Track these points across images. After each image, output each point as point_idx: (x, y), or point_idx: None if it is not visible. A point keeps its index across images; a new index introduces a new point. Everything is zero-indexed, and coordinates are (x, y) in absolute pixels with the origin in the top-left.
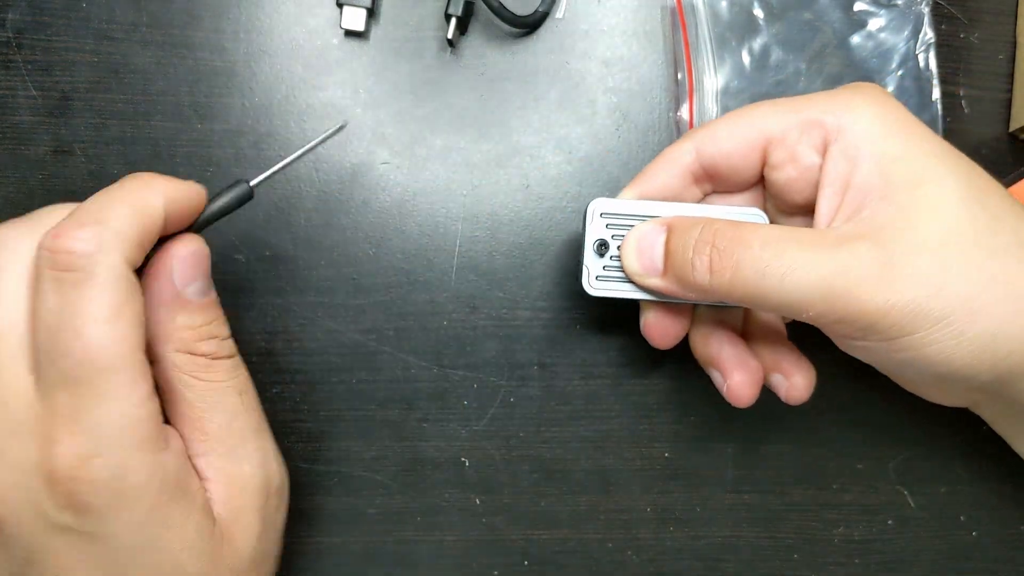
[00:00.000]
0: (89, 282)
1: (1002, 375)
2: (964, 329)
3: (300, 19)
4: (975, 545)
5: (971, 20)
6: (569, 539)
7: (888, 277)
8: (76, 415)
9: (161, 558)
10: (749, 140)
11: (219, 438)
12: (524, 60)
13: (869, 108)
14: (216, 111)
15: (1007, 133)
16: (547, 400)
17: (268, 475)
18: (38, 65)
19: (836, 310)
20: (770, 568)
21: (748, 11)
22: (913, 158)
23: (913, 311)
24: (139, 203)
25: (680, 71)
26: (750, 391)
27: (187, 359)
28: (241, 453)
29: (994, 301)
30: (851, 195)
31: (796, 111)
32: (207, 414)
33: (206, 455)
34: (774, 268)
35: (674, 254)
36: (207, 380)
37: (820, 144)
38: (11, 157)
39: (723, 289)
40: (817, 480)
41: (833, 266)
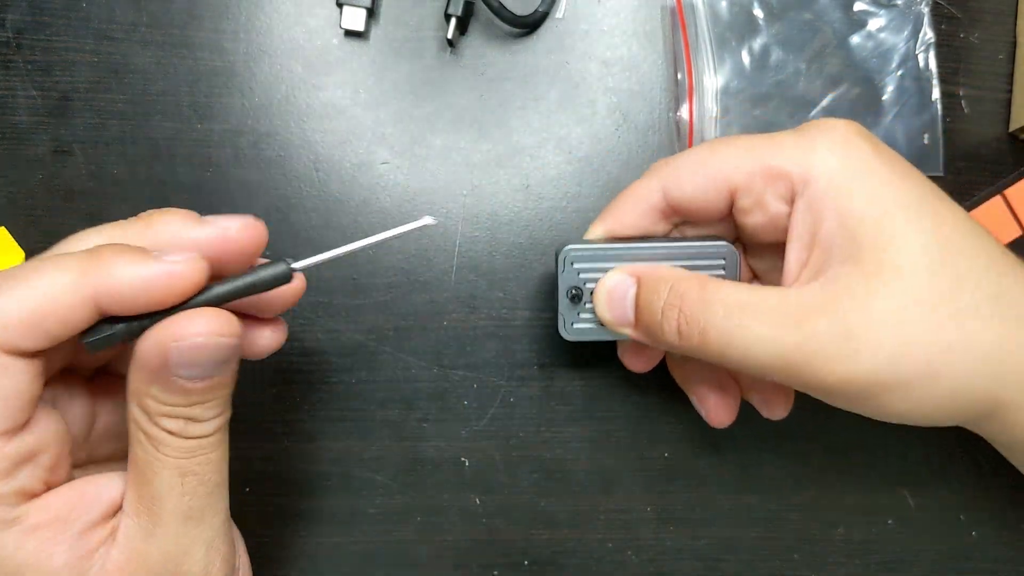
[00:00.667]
0: None
1: (968, 422)
2: (924, 392)
3: (300, 19)
4: (975, 545)
5: (971, 20)
6: (569, 539)
7: (846, 352)
8: None
9: None
10: (715, 186)
11: (146, 508)
12: (524, 60)
13: (834, 156)
14: (216, 111)
15: (1007, 133)
16: (547, 400)
17: (178, 567)
18: (38, 65)
19: (798, 381)
20: (770, 568)
21: (748, 11)
22: (878, 217)
23: (872, 381)
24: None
25: (680, 71)
26: (726, 415)
27: (145, 421)
28: (157, 532)
29: (952, 364)
30: (818, 251)
31: (760, 158)
32: (143, 479)
33: (129, 517)
34: (739, 339)
35: (643, 311)
36: (154, 449)
37: (786, 194)
38: (11, 157)
39: (691, 352)
40: (817, 480)
41: (793, 341)
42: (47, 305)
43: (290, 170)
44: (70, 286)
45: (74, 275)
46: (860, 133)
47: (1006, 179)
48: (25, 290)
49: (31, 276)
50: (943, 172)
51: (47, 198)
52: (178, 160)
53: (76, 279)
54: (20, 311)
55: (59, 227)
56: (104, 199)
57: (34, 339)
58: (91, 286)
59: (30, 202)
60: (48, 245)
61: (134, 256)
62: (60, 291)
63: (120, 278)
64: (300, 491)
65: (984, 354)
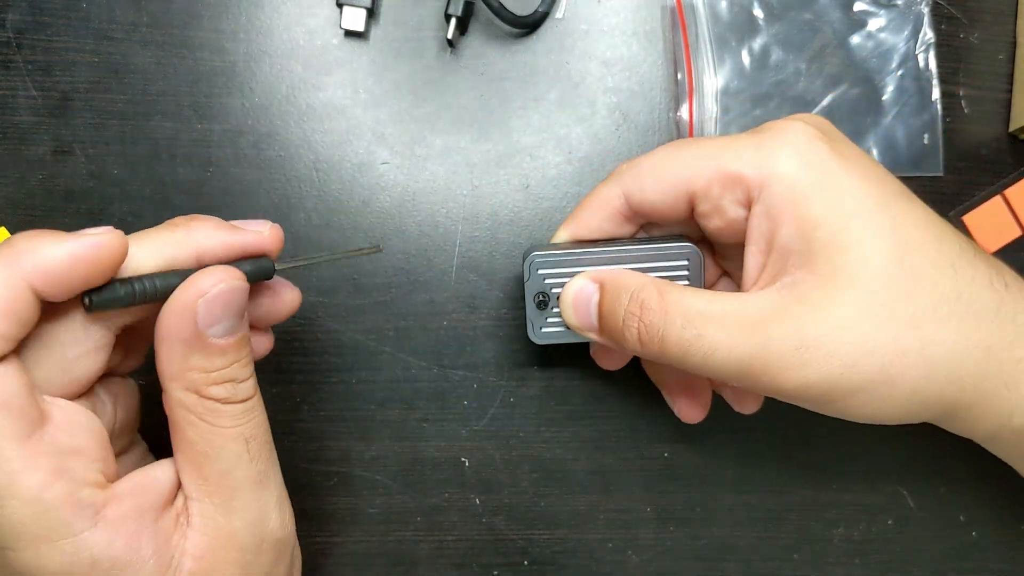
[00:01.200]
0: None
1: (931, 420)
2: (881, 396)
3: (300, 19)
4: (975, 545)
5: (971, 20)
6: (569, 539)
7: (802, 359)
8: None
9: None
10: (674, 190)
11: (216, 486)
12: (524, 60)
13: (791, 160)
14: (216, 111)
15: (1007, 133)
16: (547, 400)
17: (263, 531)
18: (38, 65)
19: (757, 387)
20: (770, 568)
21: (748, 11)
22: (834, 222)
23: (829, 386)
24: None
25: (680, 71)
26: (697, 411)
27: (195, 400)
28: (235, 505)
29: (908, 368)
30: (774, 256)
31: (718, 163)
32: (207, 459)
33: (199, 501)
34: (696, 348)
35: (606, 318)
36: (212, 424)
37: (744, 199)
38: (11, 157)
39: (654, 357)
40: (817, 480)
41: (750, 348)
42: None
43: (290, 170)
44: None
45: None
46: (819, 135)
47: (1006, 179)
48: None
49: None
50: (943, 172)
51: (47, 198)
52: (178, 160)
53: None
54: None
55: (59, 227)
56: (104, 199)
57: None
58: (20, 274)
59: (30, 202)
60: None
61: (54, 237)
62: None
63: (48, 258)
64: (300, 491)
65: (940, 357)
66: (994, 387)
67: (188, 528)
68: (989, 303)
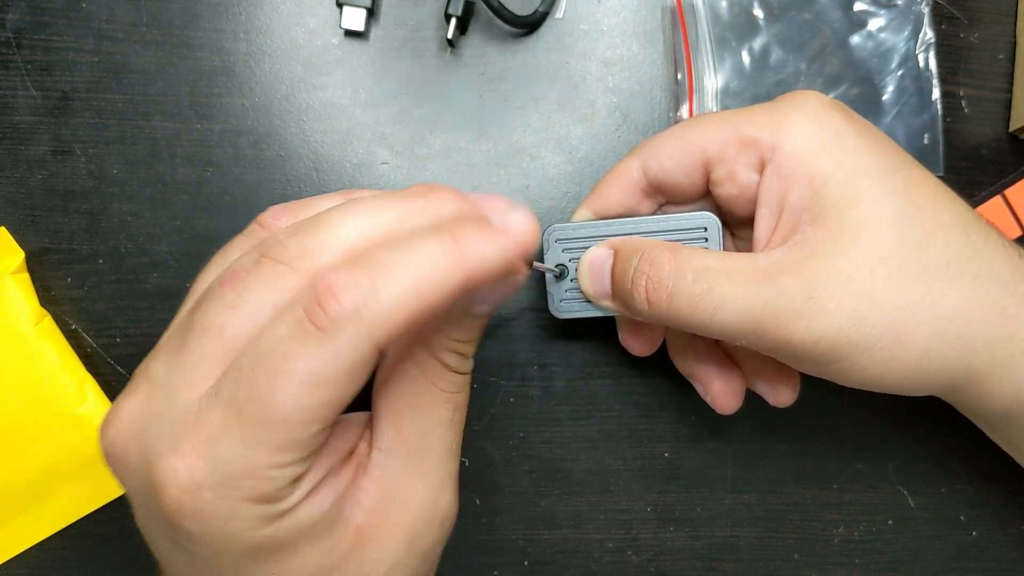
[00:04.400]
0: (319, 342)
1: (938, 390)
2: (891, 354)
3: (300, 19)
4: (975, 545)
5: (971, 20)
6: (569, 539)
7: (813, 310)
8: (213, 440)
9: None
10: (690, 159)
11: (409, 443)
12: (524, 60)
13: (804, 123)
14: (216, 111)
15: (1007, 133)
16: (547, 400)
17: (438, 503)
18: (38, 65)
19: (766, 341)
20: (770, 568)
21: (748, 11)
22: (845, 178)
23: (839, 341)
24: (427, 282)
25: (680, 71)
26: (733, 400)
27: (426, 358)
28: (423, 468)
29: (918, 326)
30: (785, 216)
31: (733, 128)
32: (412, 414)
33: (387, 452)
34: (706, 302)
35: (618, 280)
36: (433, 383)
37: (757, 162)
38: (11, 157)
39: (661, 318)
40: (817, 480)
41: (761, 300)
42: (425, 304)
43: (290, 170)
44: (447, 280)
45: (447, 264)
46: (832, 104)
47: (1006, 179)
48: (404, 277)
49: (405, 258)
50: (943, 172)
51: (47, 198)
52: (178, 160)
53: (448, 268)
54: (401, 312)
55: (59, 227)
56: (104, 199)
57: (397, 340)
58: (461, 274)
59: (30, 202)
60: (48, 245)
61: (490, 235)
62: (436, 285)
63: (480, 259)
64: None
65: (952, 315)
66: (1009, 354)
67: (364, 478)
68: (1004, 266)
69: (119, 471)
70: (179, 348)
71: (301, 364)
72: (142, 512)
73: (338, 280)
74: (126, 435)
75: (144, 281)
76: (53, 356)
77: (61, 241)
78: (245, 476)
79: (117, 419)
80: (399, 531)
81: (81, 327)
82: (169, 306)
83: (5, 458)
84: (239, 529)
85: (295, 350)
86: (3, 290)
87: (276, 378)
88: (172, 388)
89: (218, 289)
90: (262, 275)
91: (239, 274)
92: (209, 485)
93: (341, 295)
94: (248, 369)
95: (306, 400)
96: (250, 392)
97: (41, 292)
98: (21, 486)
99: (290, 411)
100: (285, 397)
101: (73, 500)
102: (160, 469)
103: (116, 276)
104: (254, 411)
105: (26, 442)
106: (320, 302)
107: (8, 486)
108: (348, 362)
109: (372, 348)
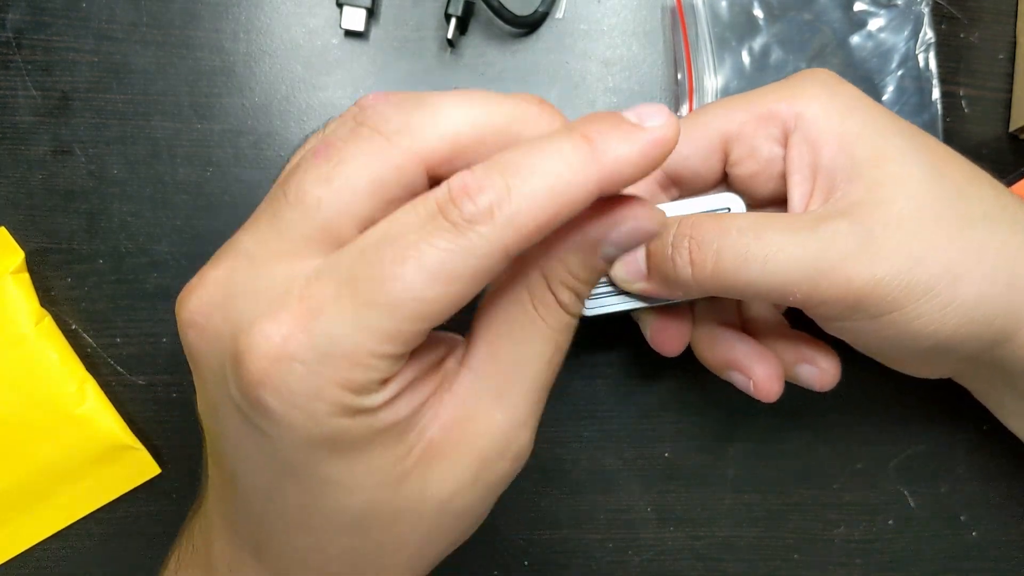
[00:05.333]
0: (451, 237)
1: (986, 343)
2: (949, 299)
3: (300, 19)
4: (975, 545)
5: (971, 20)
6: (569, 539)
7: (871, 251)
8: (318, 312)
9: (324, 477)
10: (707, 142)
11: (501, 369)
12: (524, 60)
13: (822, 92)
14: (216, 111)
15: (1007, 133)
16: (547, 400)
17: (515, 436)
18: (38, 65)
19: (821, 290)
20: (770, 568)
21: (748, 11)
22: (872, 135)
23: (899, 284)
24: (561, 185)
25: (680, 71)
26: (777, 383)
27: (541, 287)
28: (508, 395)
29: (972, 267)
30: (821, 178)
31: (750, 106)
32: (511, 340)
33: (476, 373)
34: (755, 252)
35: (655, 255)
36: (540, 315)
37: (779, 135)
38: (11, 157)
39: (706, 281)
40: (817, 480)
41: (815, 245)
42: (559, 209)
43: None
44: (580, 182)
45: (581, 165)
46: (841, 78)
47: (1006, 179)
48: (538, 181)
49: (537, 160)
50: None
51: (47, 198)
52: (178, 160)
53: (584, 171)
54: (534, 216)
55: (59, 227)
56: (104, 199)
57: (527, 246)
58: (596, 177)
59: (30, 202)
60: (48, 245)
61: (627, 131)
62: (571, 190)
63: (616, 159)
64: None
65: (999, 259)
66: None
67: (447, 394)
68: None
69: (196, 342)
70: (271, 221)
71: (429, 254)
72: (212, 390)
73: (473, 180)
74: (211, 303)
75: (144, 281)
76: (53, 356)
77: (61, 241)
78: (343, 357)
79: (202, 286)
80: (469, 454)
81: (81, 327)
82: (169, 306)
83: (5, 458)
84: (319, 412)
85: (425, 240)
86: (3, 290)
87: (403, 263)
88: (265, 260)
89: (312, 160)
90: (360, 147)
91: (335, 144)
92: (302, 358)
93: (476, 195)
94: (373, 249)
95: (427, 292)
96: (372, 271)
97: (41, 292)
98: (21, 486)
99: (409, 300)
100: (407, 284)
101: (73, 500)
102: (251, 336)
103: (116, 276)
104: (372, 291)
105: (26, 442)
106: (454, 199)
107: (8, 486)
108: (475, 262)
109: (502, 251)
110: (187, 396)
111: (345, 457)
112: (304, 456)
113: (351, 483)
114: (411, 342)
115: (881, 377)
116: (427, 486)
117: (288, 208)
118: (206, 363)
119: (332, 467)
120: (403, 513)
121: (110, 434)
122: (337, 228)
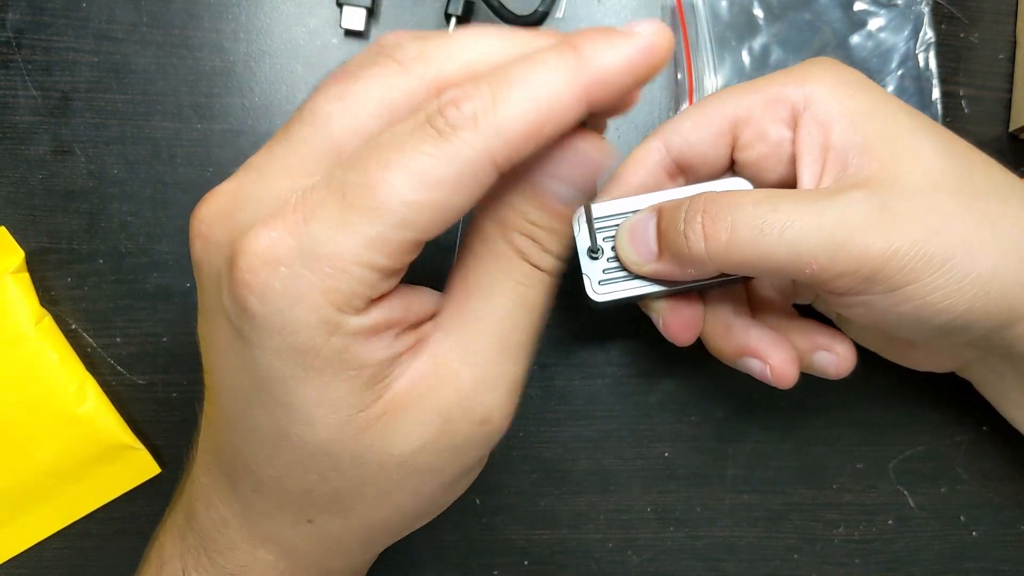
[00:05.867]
0: (436, 143)
1: (998, 321)
2: (965, 271)
3: (300, 19)
4: (975, 545)
5: (971, 20)
6: (569, 539)
7: (888, 221)
8: (310, 218)
9: (292, 400)
10: (715, 127)
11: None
12: None
13: (829, 75)
14: (216, 111)
15: (1007, 133)
16: (547, 400)
17: (479, 397)
18: (38, 65)
19: (839, 261)
20: (770, 568)
21: (748, 11)
22: (883, 113)
23: (916, 255)
24: (545, 92)
25: (680, 71)
26: (794, 368)
27: (495, 235)
28: (475, 356)
29: (987, 240)
30: (832, 156)
31: (758, 90)
32: (472, 294)
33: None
34: (771, 223)
35: (667, 232)
36: (496, 265)
37: (788, 117)
38: (11, 157)
39: (720, 256)
40: (817, 480)
41: (832, 214)
42: (545, 116)
43: None
44: (564, 90)
45: (566, 72)
46: (847, 65)
47: None
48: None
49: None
50: None
51: (47, 198)
52: (178, 160)
53: (568, 78)
54: (518, 124)
55: (59, 227)
56: (104, 199)
57: (516, 159)
58: (582, 84)
59: (30, 202)
60: (48, 245)
61: (614, 38)
62: (556, 97)
63: (602, 66)
64: None
65: (1013, 233)
66: None
67: (417, 353)
68: None
69: (200, 252)
70: (284, 137)
71: (414, 159)
72: (210, 300)
73: (461, 91)
74: (215, 214)
75: (144, 281)
76: (53, 356)
77: (61, 241)
78: (327, 260)
79: (212, 198)
80: (431, 410)
81: (81, 327)
82: (169, 306)
83: (5, 458)
84: (298, 320)
85: (411, 146)
86: (3, 290)
87: (388, 167)
88: (270, 173)
89: (328, 81)
90: (375, 71)
91: (352, 70)
92: (288, 261)
93: (462, 103)
94: (363, 157)
95: (411, 196)
96: (358, 177)
97: (41, 292)
98: (21, 486)
99: (394, 204)
100: (392, 187)
101: (73, 500)
102: (243, 240)
103: (116, 276)
104: (358, 195)
105: (26, 442)
106: (441, 109)
107: (8, 486)
108: (459, 167)
109: (488, 159)
110: (187, 396)
111: (313, 382)
112: (278, 371)
113: (313, 414)
114: (396, 255)
115: (881, 377)
116: (389, 438)
117: (301, 125)
118: (207, 271)
119: (299, 391)
120: (362, 461)
121: (110, 434)
122: (345, 145)
